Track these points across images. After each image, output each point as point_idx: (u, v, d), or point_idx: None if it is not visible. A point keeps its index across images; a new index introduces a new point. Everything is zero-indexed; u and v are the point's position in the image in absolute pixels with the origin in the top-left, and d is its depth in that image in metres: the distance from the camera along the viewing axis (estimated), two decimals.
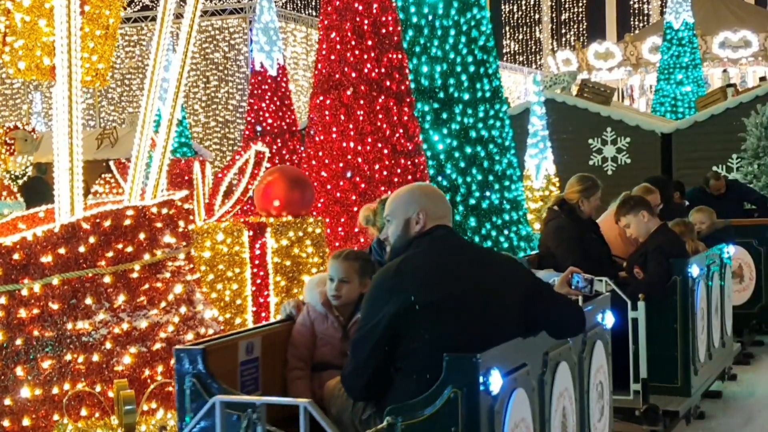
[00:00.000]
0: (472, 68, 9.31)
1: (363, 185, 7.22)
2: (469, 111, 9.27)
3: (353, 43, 7.34)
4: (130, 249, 4.41)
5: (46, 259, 4.27)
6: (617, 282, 5.61)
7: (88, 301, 4.28)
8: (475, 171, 9.16)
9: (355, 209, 7.19)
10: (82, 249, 4.31)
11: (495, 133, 9.44)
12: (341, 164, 7.28)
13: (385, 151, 7.28)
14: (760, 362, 7.84)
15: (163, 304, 4.46)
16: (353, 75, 7.31)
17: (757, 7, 32.52)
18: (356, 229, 7.16)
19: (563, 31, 47.00)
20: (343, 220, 7.21)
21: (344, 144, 7.28)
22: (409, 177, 7.34)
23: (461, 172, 9.09)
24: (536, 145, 14.28)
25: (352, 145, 7.26)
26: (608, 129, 16.50)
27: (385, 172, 7.26)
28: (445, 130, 9.10)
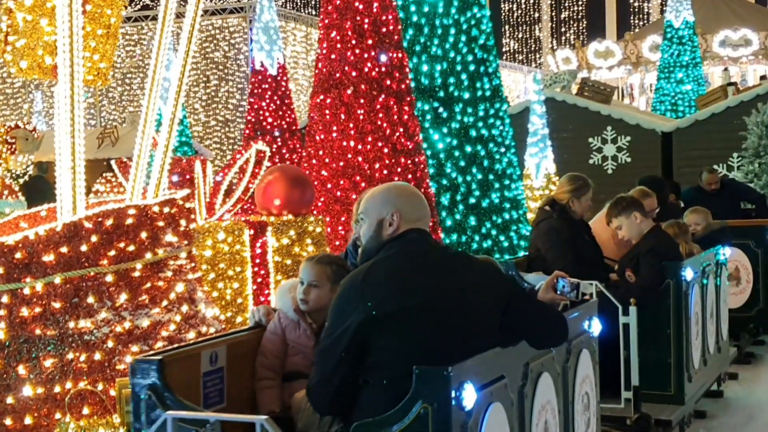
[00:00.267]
0: (472, 67, 9.32)
1: (363, 184, 7.23)
2: (469, 110, 9.27)
3: (353, 42, 7.34)
4: (131, 248, 4.42)
5: (48, 258, 4.28)
6: (608, 285, 5.49)
7: (90, 299, 4.29)
8: (475, 170, 9.16)
9: None
10: (84, 248, 4.32)
11: (495, 132, 9.44)
12: (341, 163, 7.29)
13: (386, 150, 7.29)
14: (761, 361, 7.85)
15: (165, 303, 4.47)
16: (353, 74, 7.32)
17: (757, 6, 32.53)
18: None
19: (563, 30, 47.02)
20: (343, 219, 7.22)
21: (344, 143, 7.29)
22: (410, 176, 7.35)
23: (461, 171, 9.10)
24: (536, 144, 14.29)
25: (352, 144, 7.27)
26: (608, 128, 16.50)
27: (386, 171, 7.27)
28: (445, 129, 9.10)
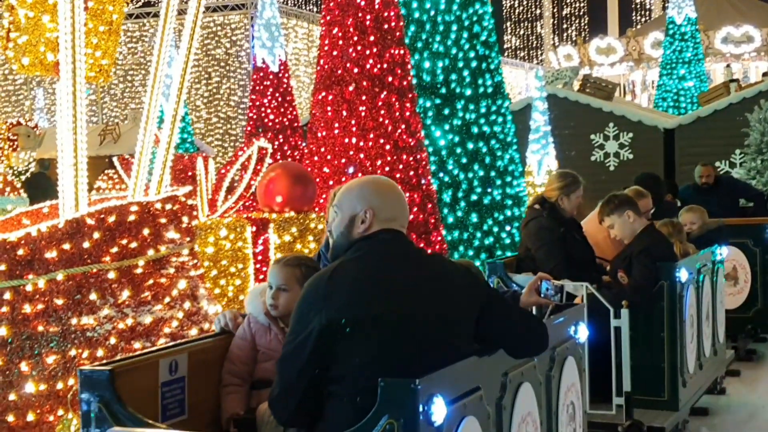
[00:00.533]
0: (474, 63, 9.31)
1: None
2: (471, 107, 9.26)
3: (355, 39, 7.34)
4: (134, 245, 4.42)
5: (51, 255, 4.28)
6: (600, 287, 5.33)
7: (93, 296, 4.29)
8: (476, 167, 9.16)
9: None
10: (86, 244, 4.32)
11: (497, 129, 9.44)
12: (343, 160, 7.29)
13: (387, 147, 7.28)
14: (763, 358, 7.85)
15: (168, 300, 4.48)
16: (355, 71, 7.31)
17: (759, 3, 32.46)
18: None
19: (565, 27, 46.98)
20: None
21: (346, 140, 7.28)
22: (411, 173, 7.34)
23: (463, 168, 9.09)
24: (538, 141, 14.30)
25: (354, 140, 7.27)
26: (610, 124, 16.48)
27: (387, 168, 7.26)
28: (447, 126, 9.10)
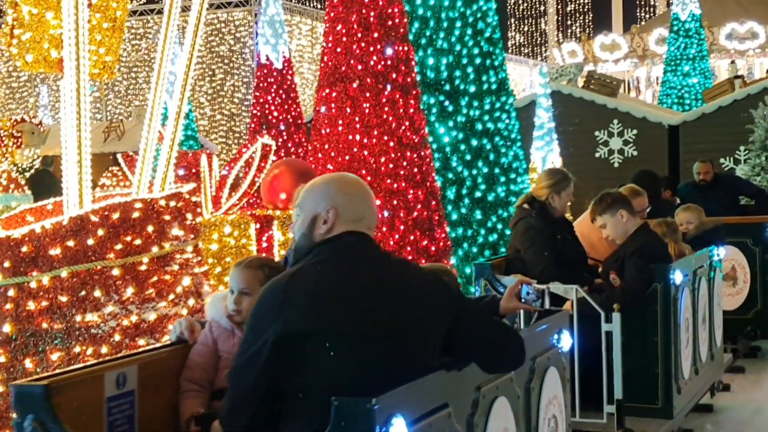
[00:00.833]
0: (478, 60, 9.30)
1: (369, 178, 7.22)
2: (475, 103, 9.25)
3: (359, 36, 7.33)
4: (138, 242, 4.43)
5: (55, 252, 4.29)
6: (592, 289, 5.17)
7: (97, 293, 4.29)
8: (481, 164, 9.15)
9: None
10: (90, 241, 4.32)
11: (501, 126, 9.43)
12: (347, 157, 7.28)
13: (391, 144, 7.28)
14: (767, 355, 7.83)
15: (172, 297, 4.48)
16: (359, 67, 7.31)
17: None
18: None
19: (569, 23, 46.91)
20: None
21: (350, 137, 7.28)
22: (415, 170, 7.34)
23: (467, 165, 9.08)
24: (542, 138, 14.27)
25: (358, 137, 7.26)
26: (615, 121, 16.46)
27: (391, 165, 7.26)
28: (451, 123, 9.09)
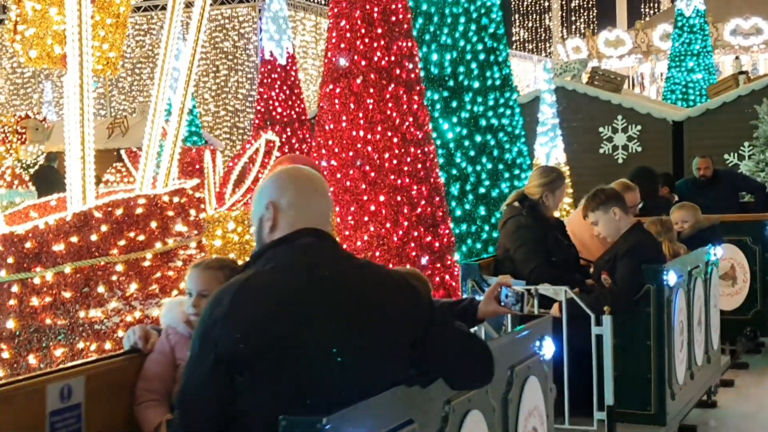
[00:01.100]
0: (482, 56, 9.28)
1: (373, 174, 7.22)
2: (479, 99, 9.24)
3: (363, 31, 7.32)
4: (142, 237, 4.43)
5: (59, 248, 4.29)
6: (583, 291, 5.01)
7: (101, 289, 4.30)
8: (485, 160, 9.14)
9: (365, 198, 7.20)
10: (94, 237, 4.33)
11: (505, 122, 9.42)
12: (351, 153, 7.28)
13: (395, 140, 7.27)
14: None
15: (175, 293, 4.48)
16: (363, 63, 7.30)
17: None
18: (365, 218, 7.16)
19: (573, 19, 46.82)
20: (352, 208, 7.21)
21: (354, 133, 7.27)
22: (419, 166, 7.33)
23: (471, 161, 9.08)
24: (546, 134, 14.25)
25: (361, 133, 7.25)
26: (619, 117, 16.43)
27: (395, 161, 7.25)
28: (455, 119, 9.08)
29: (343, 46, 7.39)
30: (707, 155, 9.65)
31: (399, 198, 7.20)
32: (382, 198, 7.16)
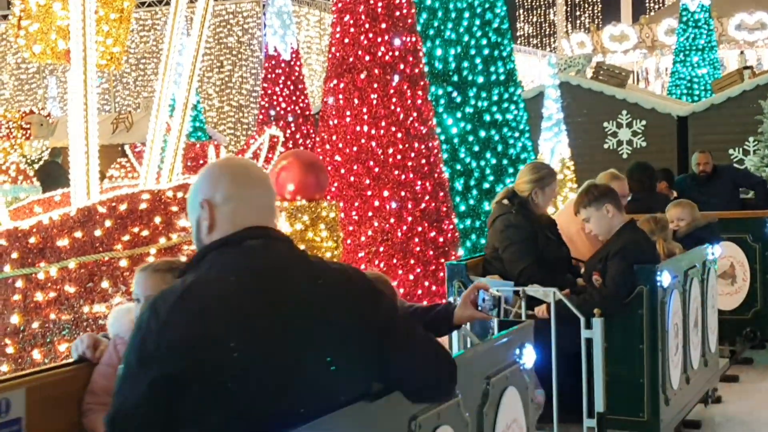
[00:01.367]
0: (486, 51, 9.27)
1: (377, 169, 7.22)
2: (483, 94, 9.24)
3: (367, 26, 7.32)
4: (146, 233, 4.43)
5: (63, 243, 4.30)
6: (575, 292, 4.83)
7: (105, 284, 4.30)
8: (489, 155, 9.14)
9: (369, 193, 7.20)
10: (98, 233, 4.33)
11: (509, 117, 9.41)
12: (355, 148, 7.28)
13: (399, 135, 7.27)
14: None
15: None
16: (367, 58, 7.29)
17: None
18: (370, 213, 7.16)
19: (578, 14, 46.76)
20: (357, 204, 7.21)
21: (358, 128, 7.27)
22: (423, 161, 7.33)
23: (475, 156, 9.07)
24: (550, 129, 14.23)
25: (365, 129, 7.25)
26: (623, 112, 16.41)
27: (399, 156, 7.25)
28: (459, 114, 9.07)
29: (347, 41, 7.39)
30: (706, 150, 9.46)
31: (403, 193, 7.20)
32: (386, 193, 7.16)
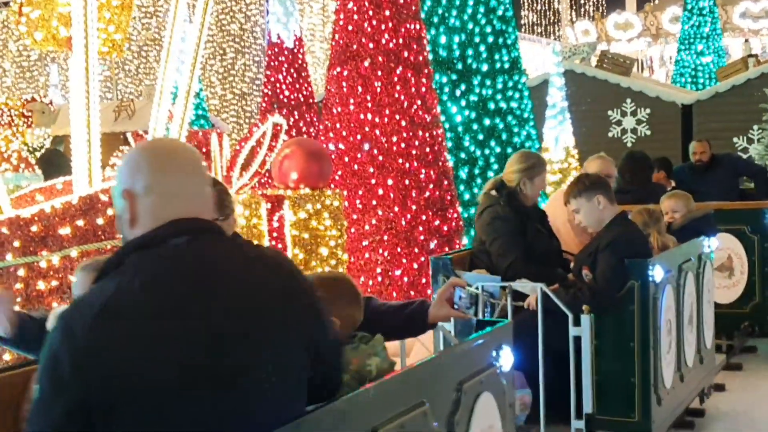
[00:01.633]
0: (490, 39, 9.22)
1: (380, 157, 7.18)
2: (488, 82, 9.19)
3: (370, 14, 7.27)
4: None
5: (65, 231, 4.27)
6: (564, 287, 4.63)
7: None
8: (493, 143, 9.10)
9: (373, 182, 7.16)
10: (100, 221, 4.31)
11: (513, 105, 9.37)
12: (359, 136, 7.24)
13: (403, 123, 7.23)
14: None
15: None
16: (370, 46, 7.25)
17: None
18: (374, 201, 7.13)
19: (582, 2, 46.56)
20: (360, 192, 7.18)
21: (361, 116, 7.23)
22: (427, 149, 7.29)
23: (479, 145, 9.04)
24: (555, 117, 14.17)
25: (369, 116, 7.22)
26: (628, 100, 16.35)
27: (403, 144, 7.21)
28: (463, 102, 9.03)
29: (350, 28, 7.34)
30: (704, 139, 9.20)
31: (407, 182, 7.16)
32: (390, 182, 7.12)
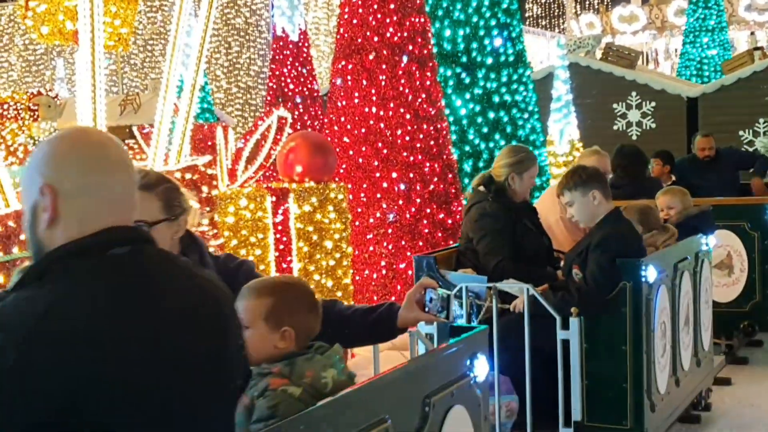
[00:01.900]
0: (495, 32, 9.22)
1: (385, 151, 7.20)
2: (492, 75, 9.19)
3: (375, 7, 7.28)
4: None
5: None
6: (554, 287, 4.46)
7: None
8: (498, 136, 9.10)
9: (378, 175, 7.18)
10: None
11: (518, 98, 9.36)
12: (363, 129, 7.26)
13: (408, 116, 7.24)
14: None
15: None
16: (375, 39, 7.26)
17: None
18: (378, 195, 7.14)
19: None
20: (365, 185, 7.19)
21: (366, 109, 7.25)
22: (432, 142, 7.30)
23: (484, 138, 9.04)
24: (560, 110, 14.18)
25: (374, 110, 7.23)
26: (633, 93, 16.34)
27: (408, 138, 7.23)
28: (468, 95, 9.03)
29: (355, 21, 7.35)
30: (709, 134, 9.02)
31: (411, 175, 7.18)
32: (394, 175, 7.14)
